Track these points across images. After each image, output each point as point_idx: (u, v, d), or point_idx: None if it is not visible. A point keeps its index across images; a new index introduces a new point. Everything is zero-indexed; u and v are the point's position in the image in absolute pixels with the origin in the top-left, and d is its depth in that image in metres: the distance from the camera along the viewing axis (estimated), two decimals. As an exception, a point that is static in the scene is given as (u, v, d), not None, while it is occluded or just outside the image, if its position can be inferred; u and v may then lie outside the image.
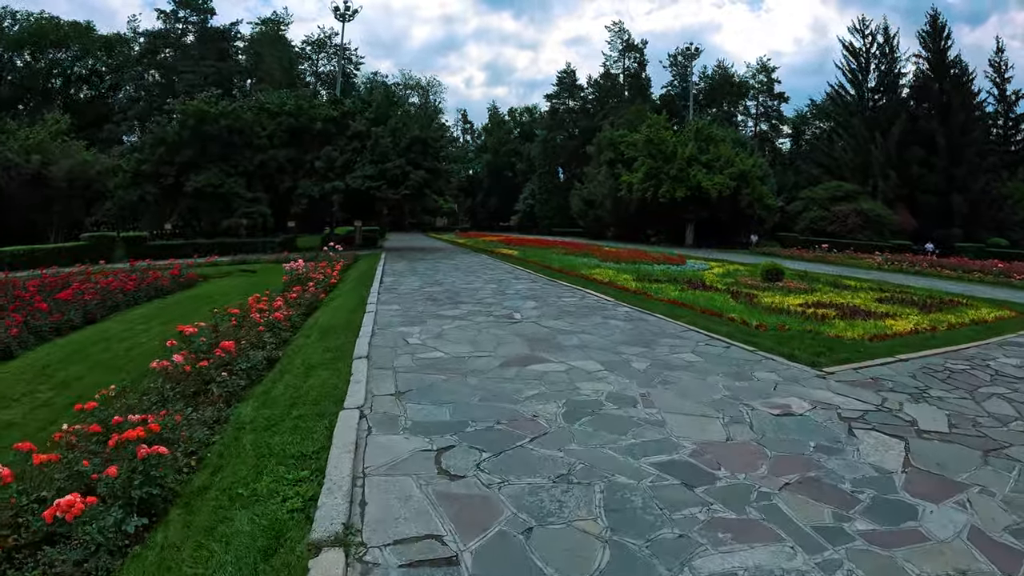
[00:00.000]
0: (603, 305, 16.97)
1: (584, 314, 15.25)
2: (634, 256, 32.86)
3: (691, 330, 13.32)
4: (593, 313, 15.44)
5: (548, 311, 15.59)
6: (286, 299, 16.14)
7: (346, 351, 10.96)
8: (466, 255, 39.82)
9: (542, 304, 16.87)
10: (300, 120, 44.49)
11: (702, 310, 15.67)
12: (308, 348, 11.52)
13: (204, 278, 27.65)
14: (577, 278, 23.89)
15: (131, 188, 44.16)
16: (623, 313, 15.57)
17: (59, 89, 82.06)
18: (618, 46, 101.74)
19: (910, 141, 64.76)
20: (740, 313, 15.11)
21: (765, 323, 13.84)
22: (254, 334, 11.80)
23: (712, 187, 51.88)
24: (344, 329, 13.04)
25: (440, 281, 22.98)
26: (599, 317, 14.80)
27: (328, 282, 21.99)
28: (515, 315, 14.90)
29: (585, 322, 14.06)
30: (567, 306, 16.60)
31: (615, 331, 13.06)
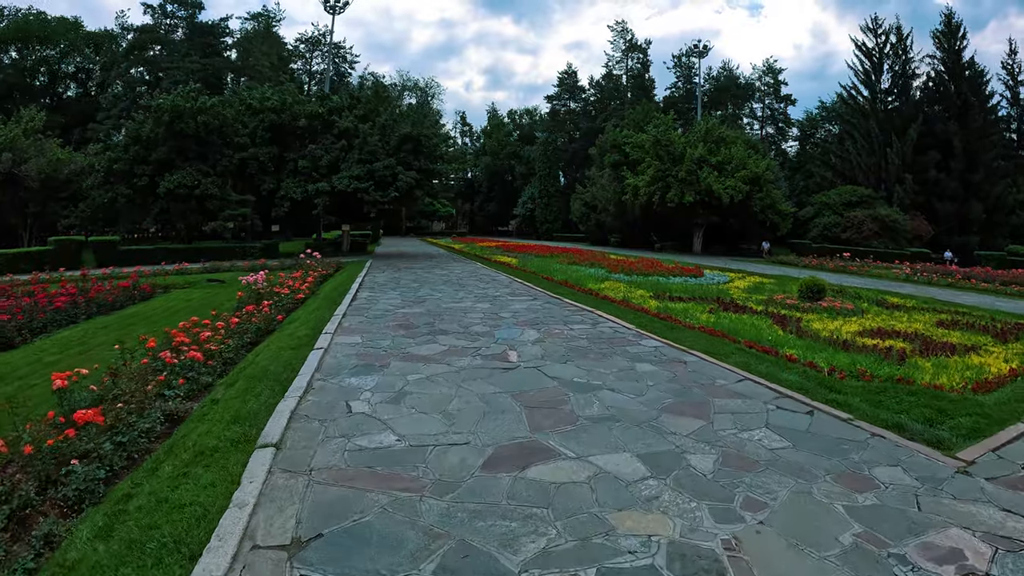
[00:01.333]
0: (623, 336, 13.22)
1: (601, 352, 11.51)
2: (645, 266, 29.16)
3: (748, 379, 9.66)
4: (613, 350, 11.69)
5: (554, 347, 11.84)
6: (227, 325, 12.87)
7: (260, 422, 7.49)
8: (460, 263, 36.09)
9: (546, 335, 13.12)
10: (282, 117, 40.90)
11: (749, 344, 12.13)
12: (214, 414, 7.99)
13: (165, 289, 24.65)
14: (585, 295, 20.29)
15: (103, 189, 40.65)
16: (651, 350, 11.83)
17: (45, 87, 78.96)
18: (621, 46, 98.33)
19: (926, 145, 61.66)
20: (798, 349, 11.69)
21: (836, 364, 10.46)
22: (152, 385, 8.66)
23: (723, 191, 48.15)
24: (277, 377, 9.56)
25: (423, 298, 19.21)
26: (622, 358, 11.05)
27: (294, 297, 18.77)
28: (510, 355, 11.12)
29: (604, 368, 10.33)
30: (578, 338, 12.86)
31: (648, 385, 9.34)
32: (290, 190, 39.62)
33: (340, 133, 40.96)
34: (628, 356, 11.22)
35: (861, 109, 67.48)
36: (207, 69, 73.77)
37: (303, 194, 39.53)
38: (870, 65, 67.47)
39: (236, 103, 43.39)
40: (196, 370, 9.68)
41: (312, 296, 20.13)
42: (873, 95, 67.04)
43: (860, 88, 68.29)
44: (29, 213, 47.20)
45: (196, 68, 70.60)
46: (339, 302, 17.88)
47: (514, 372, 9.91)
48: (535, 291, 21.54)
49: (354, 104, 43.69)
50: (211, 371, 10.00)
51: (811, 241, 55.49)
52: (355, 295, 19.82)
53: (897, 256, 46.47)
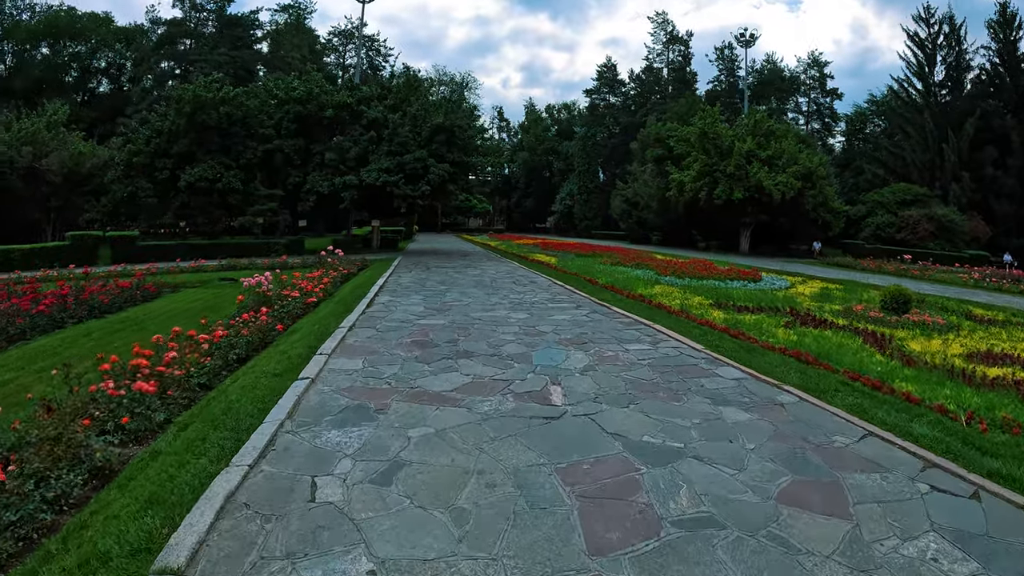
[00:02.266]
0: (693, 361, 10.43)
1: (672, 388, 8.74)
2: (697, 268, 26.29)
3: (873, 435, 7.01)
4: (686, 385, 8.91)
5: (609, 380, 9.09)
6: (212, 340, 10.57)
7: (178, 512, 5.08)
8: (495, 262, 33.41)
9: (597, 359, 10.36)
10: (309, 107, 38.49)
11: (851, 375, 9.45)
12: (137, 485, 5.63)
13: (174, 288, 22.67)
14: (635, 302, 17.56)
15: (123, 183, 38.68)
16: (733, 384, 9.06)
17: (76, 81, 78.16)
18: (661, 38, 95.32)
19: (982, 140, 57.82)
20: (912, 383, 9.17)
21: (968, 406, 8.10)
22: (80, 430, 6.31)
23: (774, 187, 44.90)
24: (239, 422, 7.09)
25: (449, 305, 16.51)
26: (700, 397, 8.29)
27: (304, 302, 16.27)
28: (553, 392, 8.36)
29: (682, 415, 7.58)
30: (637, 364, 10.10)
31: (746, 447, 6.61)
32: (316, 184, 37.22)
33: (369, 124, 38.50)
34: (707, 394, 8.47)
35: (914, 103, 63.68)
36: (236, 62, 72.37)
37: (330, 188, 37.12)
38: (923, 56, 63.39)
39: (261, 93, 41.14)
40: (147, 405, 7.35)
41: (325, 300, 17.63)
42: (927, 88, 63.16)
43: (913, 81, 64.38)
44: (52, 207, 45.92)
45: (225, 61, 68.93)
46: (352, 308, 15.34)
47: (559, 424, 7.16)
48: (578, 296, 18.81)
49: (384, 94, 41.20)
50: (174, 403, 7.94)
51: (864, 242, 52.04)
52: (372, 300, 17.23)
53: (955, 259, 42.95)
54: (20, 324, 14.08)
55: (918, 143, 60.51)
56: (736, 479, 5.74)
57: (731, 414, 7.63)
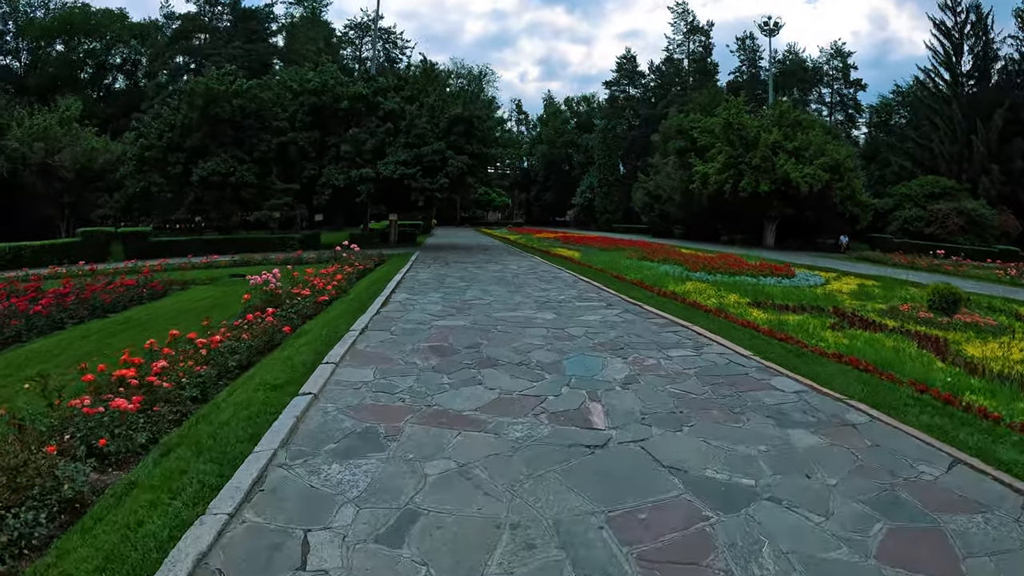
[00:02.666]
0: (743, 370, 9.32)
1: (727, 404, 7.63)
2: (727, 263, 25.06)
3: (961, 463, 5.98)
4: (742, 401, 7.81)
5: (655, 394, 7.99)
6: (210, 345, 9.66)
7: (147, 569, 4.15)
8: (516, 257, 32.37)
9: (637, 368, 9.27)
10: (323, 99, 37.44)
11: (917, 386, 8.33)
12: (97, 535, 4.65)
13: (183, 285, 21.79)
14: (668, 300, 16.42)
15: (135, 178, 37.90)
16: (793, 398, 7.95)
17: (92, 78, 77.83)
18: (682, 28, 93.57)
19: (1011, 132, 55.84)
20: (983, 396, 8.06)
21: None
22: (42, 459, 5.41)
23: (802, 180, 43.46)
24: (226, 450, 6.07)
25: (470, 304, 15.42)
26: (761, 417, 7.19)
27: (316, 300, 15.26)
28: (593, 412, 7.24)
29: (741, 438, 6.53)
30: (683, 374, 8.99)
31: (827, 484, 5.52)
32: (332, 177, 36.22)
33: (385, 115, 37.42)
34: (768, 412, 7.37)
35: (942, 93, 61.73)
36: (251, 55, 71.57)
37: (346, 181, 36.08)
38: (950, 46, 61.32)
39: (275, 86, 40.21)
40: (128, 424, 6.39)
41: (339, 298, 16.61)
42: (954, 78, 61.11)
43: (940, 71, 62.38)
44: (65, 204, 45.40)
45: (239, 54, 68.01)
46: (366, 308, 14.31)
47: (605, 454, 6.05)
48: (607, 294, 17.68)
49: (401, 85, 40.11)
50: (160, 420, 6.95)
51: (892, 236, 50.17)
52: (388, 298, 16.17)
53: (986, 254, 41.29)
54: (15, 326, 13.19)
55: (946, 135, 58.62)
56: (824, 529, 4.64)
57: (800, 438, 6.54)
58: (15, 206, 43.38)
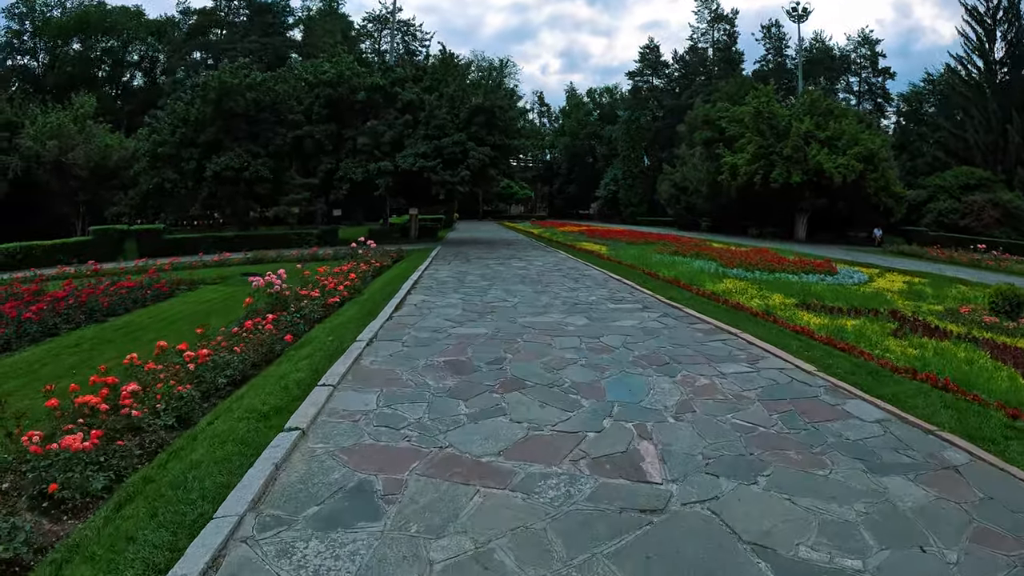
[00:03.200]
0: (808, 391, 7.93)
1: (803, 443, 6.20)
2: (764, 258, 23.51)
3: None
4: (819, 436, 6.38)
5: (716, 429, 6.55)
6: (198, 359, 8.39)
7: None
8: (540, 252, 30.94)
9: (689, 389, 7.83)
10: (340, 90, 36.10)
11: (1008, 410, 7.13)
12: None
13: (192, 285, 20.66)
14: (708, 301, 14.98)
15: (149, 174, 36.89)
16: (877, 430, 6.60)
17: (109, 76, 77.39)
18: (706, 17, 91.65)
19: (1046, 121, 53.76)
20: None
21: None
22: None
23: (835, 170, 41.57)
24: (192, 508, 4.89)
25: (493, 306, 14.03)
26: (847, 458, 5.81)
27: (325, 303, 14.01)
28: (643, 456, 5.78)
29: (830, 491, 5.16)
30: (743, 398, 7.55)
31: (940, 555, 4.25)
32: (349, 171, 34.93)
33: (404, 107, 36.06)
34: (853, 451, 6.01)
35: (975, 82, 59.46)
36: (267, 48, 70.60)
37: (363, 175, 34.79)
38: (983, 32, 59.02)
39: (290, 78, 38.97)
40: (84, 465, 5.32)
41: (351, 300, 15.30)
42: (988, 66, 58.78)
43: (973, 58, 60.00)
44: (80, 202, 44.68)
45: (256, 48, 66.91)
46: (378, 311, 13.01)
47: (665, 523, 4.61)
48: (641, 294, 16.21)
49: (420, 75, 38.70)
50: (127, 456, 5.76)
51: (927, 228, 48.17)
52: (403, 300, 14.84)
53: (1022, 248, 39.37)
54: (3, 334, 12.05)
55: (980, 124, 56.32)
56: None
57: (899, 489, 5.19)
58: (31, 204, 42.81)
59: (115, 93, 76.46)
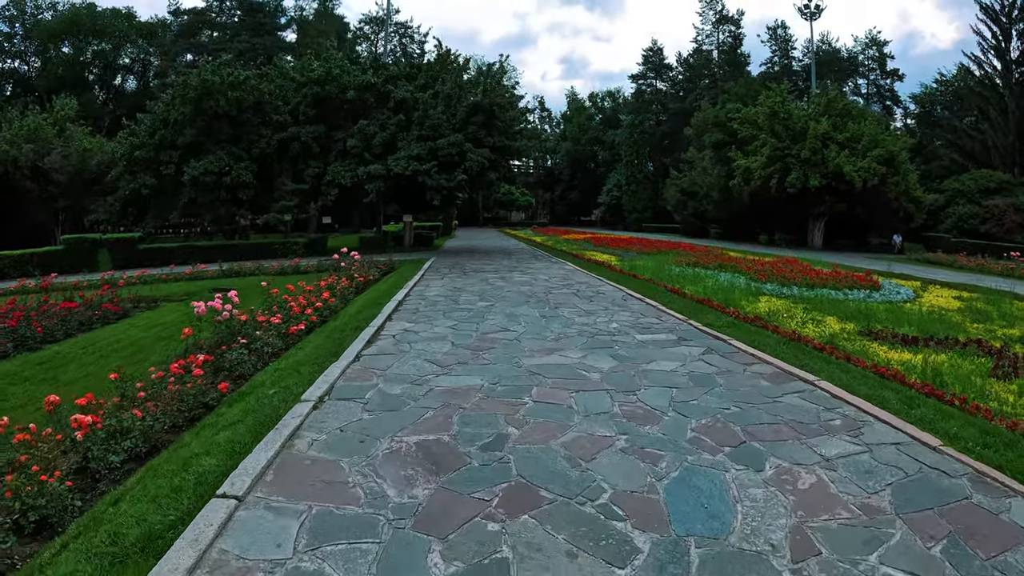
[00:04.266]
0: (955, 487, 5.10)
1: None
2: (796, 270, 20.69)
3: None
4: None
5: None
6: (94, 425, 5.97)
7: None
8: (544, 263, 28.02)
9: (792, 501, 4.90)
10: (327, 88, 33.19)
11: None
12: None
13: (153, 303, 18.22)
14: (756, 328, 12.09)
15: (126, 179, 34.23)
16: None
17: (100, 80, 75.23)
18: (710, 18, 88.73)
19: (1066, 122, 51.23)
20: None
21: None
22: None
23: (855, 174, 38.78)
24: None
25: (491, 340, 11.07)
26: None
27: (286, 332, 11.31)
28: None
29: None
30: (876, 519, 4.63)
31: None
32: (338, 175, 31.98)
33: (396, 106, 33.14)
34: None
35: (991, 82, 56.70)
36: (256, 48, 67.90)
37: (352, 179, 31.87)
38: (999, 31, 56.19)
39: (275, 76, 36.14)
40: None
41: (319, 327, 12.45)
42: (1005, 66, 56.07)
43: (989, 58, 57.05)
44: (60, 208, 42.09)
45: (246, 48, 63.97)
46: (343, 348, 10.18)
47: None
48: (671, 318, 13.28)
49: (414, 73, 35.75)
50: None
51: (948, 234, 45.20)
52: (380, 328, 11.96)
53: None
54: None
55: (999, 125, 53.65)
56: None
57: None
58: (8, 211, 40.50)
59: (106, 97, 74.39)
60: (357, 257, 21.26)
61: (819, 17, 58.59)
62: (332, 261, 22.23)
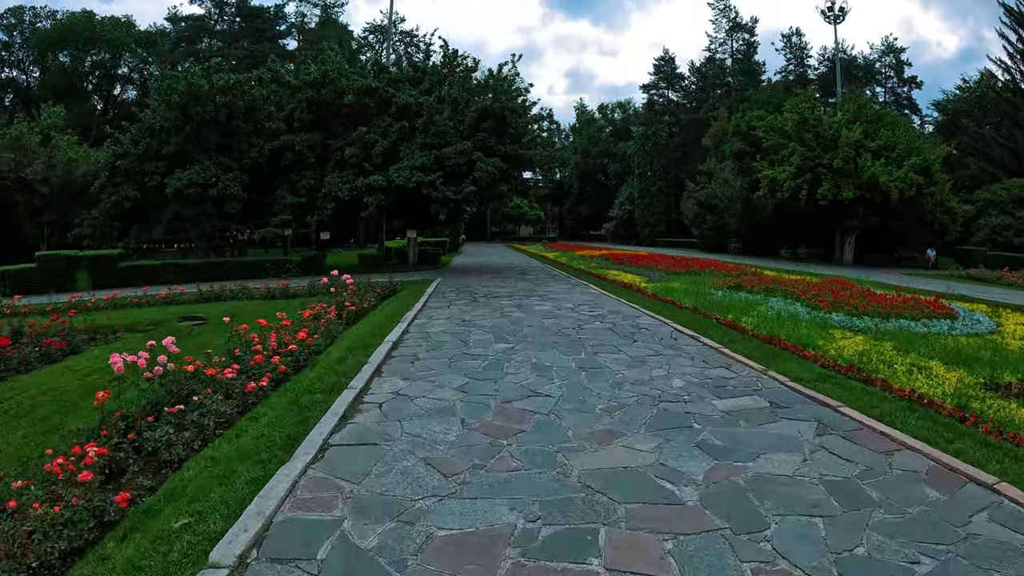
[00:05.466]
0: None
1: None
2: (855, 293, 17.56)
3: None
4: None
5: None
6: None
7: None
8: (563, 284, 24.87)
9: None
10: (324, 93, 30.03)
11: None
12: None
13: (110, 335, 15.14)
14: (855, 382, 8.98)
15: (107, 191, 31.40)
16: None
17: (95, 88, 73.29)
18: (724, 25, 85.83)
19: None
20: None
21: None
22: None
23: (892, 184, 35.83)
24: None
25: (517, 413, 7.81)
26: None
27: (243, 388, 8.28)
28: None
29: None
30: None
31: None
32: (334, 187, 28.72)
33: (399, 111, 29.92)
34: None
35: (1017, 87, 53.97)
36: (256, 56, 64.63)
37: (351, 192, 28.67)
38: (1024, 34, 53.39)
39: (269, 81, 33.11)
40: None
41: (284, 384, 9.25)
42: (1034, 70, 53.34)
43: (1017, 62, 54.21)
44: (45, 222, 39.30)
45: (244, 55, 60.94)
46: (303, 434, 6.94)
47: None
48: (747, 370, 9.98)
49: (418, 78, 32.54)
50: None
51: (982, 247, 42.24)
52: (363, 391, 8.74)
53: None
54: None
55: (1030, 132, 50.80)
56: None
57: None
58: (0, 226, 38.02)
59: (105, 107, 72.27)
60: (350, 281, 18.09)
61: (843, 20, 55.37)
62: (327, 283, 18.86)
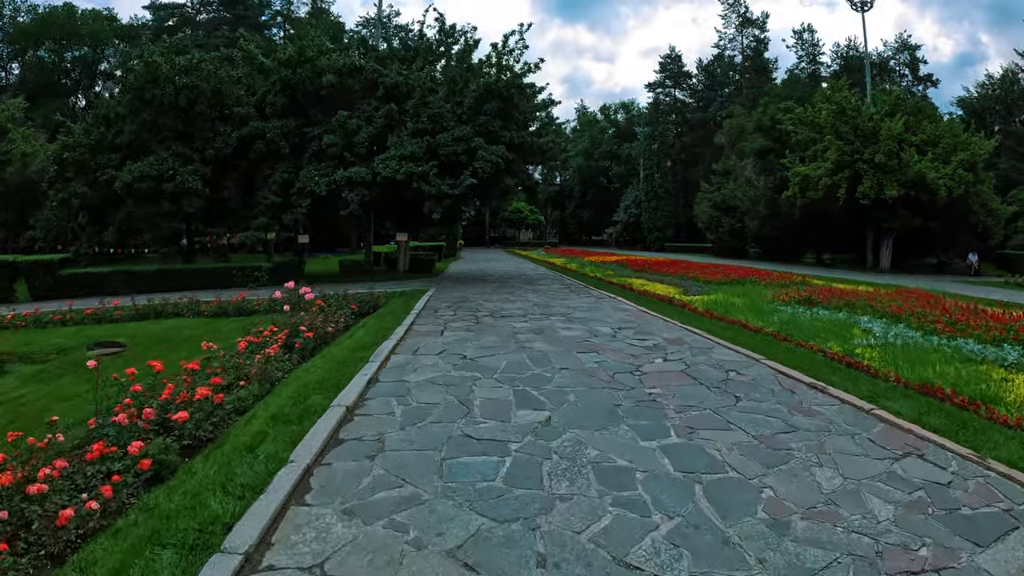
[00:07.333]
0: None
1: None
2: (947, 306, 13.43)
3: None
4: None
5: None
6: None
7: None
8: (587, 298, 19.96)
9: None
10: (299, 73, 25.55)
11: None
12: None
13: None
14: None
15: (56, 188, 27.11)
16: None
17: (75, 85, 69.80)
18: (733, 21, 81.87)
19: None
20: None
21: None
22: None
23: (939, 182, 31.75)
24: None
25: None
26: None
27: (84, 514, 3.52)
28: None
29: None
30: None
31: None
32: (310, 181, 24.24)
33: (386, 93, 25.38)
34: None
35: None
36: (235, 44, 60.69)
37: (329, 186, 24.15)
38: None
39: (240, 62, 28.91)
40: None
41: (159, 487, 4.95)
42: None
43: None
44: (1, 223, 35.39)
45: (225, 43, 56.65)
46: None
47: None
48: (945, 454, 5.34)
49: (411, 56, 28.04)
50: None
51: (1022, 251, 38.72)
52: (317, 472, 4.31)
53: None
54: None
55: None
56: None
57: None
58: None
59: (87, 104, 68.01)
60: (311, 297, 13.65)
61: (871, 7, 51.11)
62: (298, 296, 14.33)
